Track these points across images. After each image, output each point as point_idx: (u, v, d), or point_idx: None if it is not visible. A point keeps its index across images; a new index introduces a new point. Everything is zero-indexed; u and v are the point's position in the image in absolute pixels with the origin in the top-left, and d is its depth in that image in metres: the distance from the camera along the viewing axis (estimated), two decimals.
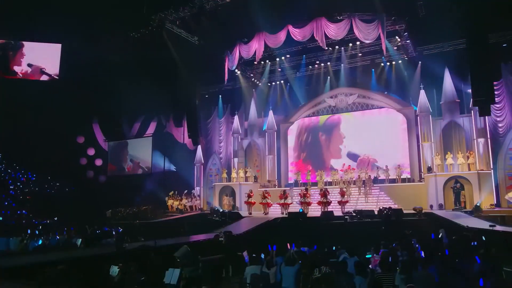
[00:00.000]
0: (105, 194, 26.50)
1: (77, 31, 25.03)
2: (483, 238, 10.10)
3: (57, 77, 27.97)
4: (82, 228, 15.64)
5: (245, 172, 25.06)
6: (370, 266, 7.69)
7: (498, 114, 20.05)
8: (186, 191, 25.69)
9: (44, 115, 25.64)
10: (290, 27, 19.08)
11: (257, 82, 26.70)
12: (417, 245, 9.16)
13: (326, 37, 18.59)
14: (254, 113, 26.74)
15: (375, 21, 17.80)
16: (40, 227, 16.96)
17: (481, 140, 19.96)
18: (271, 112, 26.23)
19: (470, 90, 20.56)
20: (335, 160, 24.44)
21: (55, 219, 20.97)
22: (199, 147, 27.44)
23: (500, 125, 20.22)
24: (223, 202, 24.00)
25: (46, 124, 25.48)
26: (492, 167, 19.40)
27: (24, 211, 25.02)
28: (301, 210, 17.04)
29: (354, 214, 15.79)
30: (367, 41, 18.52)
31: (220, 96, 27.86)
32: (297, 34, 19.01)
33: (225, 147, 28.09)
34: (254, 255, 7.70)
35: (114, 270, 6.95)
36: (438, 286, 6.14)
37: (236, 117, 26.86)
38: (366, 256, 8.44)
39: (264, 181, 25.22)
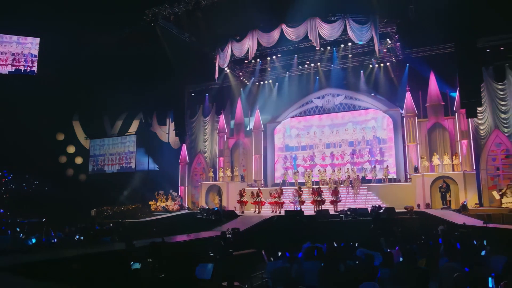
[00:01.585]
0: (86, 192, 25.74)
1: (58, 25, 24.23)
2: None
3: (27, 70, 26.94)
4: (62, 227, 15.16)
5: (232, 172, 24.95)
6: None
7: (480, 117, 20.74)
8: (171, 190, 25.31)
9: (22, 111, 24.67)
10: (284, 26, 19.12)
11: (246, 81, 26.61)
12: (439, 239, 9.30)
13: (320, 37, 18.76)
14: (240, 112, 26.65)
15: (368, 22, 18.11)
16: (26, 226, 16.27)
17: (465, 142, 20.62)
18: (257, 112, 26.21)
19: (454, 94, 21.39)
20: (321, 161, 24.69)
21: (43, 219, 20.14)
22: (184, 146, 27.11)
23: (481, 127, 20.96)
24: (215, 202, 23.76)
25: (24, 121, 24.54)
26: (474, 168, 20.09)
27: (1, 210, 23.96)
28: (298, 208, 17.09)
29: (349, 212, 15.97)
30: (360, 42, 18.80)
31: (207, 94, 27.59)
32: (291, 33, 19.08)
33: (210, 146, 27.85)
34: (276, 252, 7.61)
35: (136, 266, 6.76)
36: (466, 277, 6.25)
37: (222, 116, 26.69)
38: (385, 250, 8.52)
39: (251, 181, 25.16)
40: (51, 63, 26.49)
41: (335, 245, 9.58)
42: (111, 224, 16.07)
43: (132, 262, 6.74)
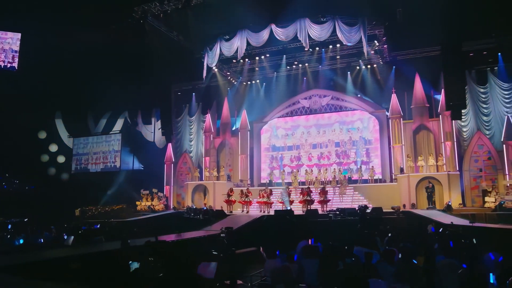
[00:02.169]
0: (69, 192, 25.20)
1: (40, 20, 23.66)
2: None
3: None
4: (48, 227, 14.82)
5: (218, 171, 24.85)
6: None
7: (463, 119, 21.23)
8: (155, 190, 25.02)
9: (2, 108, 23.97)
10: (274, 26, 19.16)
11: (233, 81, 26.55)
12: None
13: (309, 38, 18.87)
14: (227, 112, 26.59)
15: (357, 24, 18.32)
16: (10, 226, 15.80)
17: (448, 144, 21.06)
18: (244, 111, 26.18)
19: (438, 96, 21.85)
20: (308, 161, 24.83)
21: (25, 219, 19.62)
22: (170, 145, 26.87)
23: (464, 129, 21.50)
24: (204, 201, 23.62)
25: (4, 118, 23.86)
26: (458, 169, 20.54)
27: None
28: (288, 208, 17.11)
29: (337, 212, 16.11)
30: (349, 44, 19.01)
31: (193, 94, 27.41)
32: (281, 33, 19.13)
33: (195, 146, 27.70)
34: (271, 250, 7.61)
35: (135, 265, 6.64)
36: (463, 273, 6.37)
37: (208, 116, 26.54)
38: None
39: (237, 181, 25.10)
40: (32, 59, 25.83)
41: (331, 244, 9.66)
42: (98, 225, 15.76)
43: (130, 262, 6.61)
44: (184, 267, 6.02)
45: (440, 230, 11.29)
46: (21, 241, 10.89)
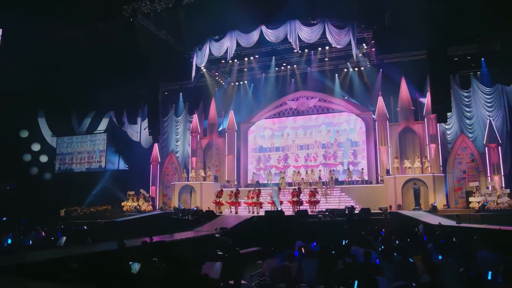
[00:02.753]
0: (53, 192, 24.66)
1: (23, 15, 23.06)
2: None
3: None
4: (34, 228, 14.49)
5: (205, 172, 24.75)
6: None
7: (447, 122, 21.74)
8: (144, 191, 24.73)
9: None
10: (264, 28, 19.23)
11: (221, 81, 26.50)
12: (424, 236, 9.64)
13: (299, 40, 19.00)
14: (214, 112, 26.53)
15: (346, 27, 18.54)
16: None
17: (433, 146, 21.51)
18: (231, 112, 26.17)
19: (424, 99, 22.30)
20: (295, 162, 24.98)
21: (4, 218, 19.08)
22: (156, 145, 26.62)
23: (448, 132, 22.00)
24: (190, 202, 23.50)
25: None
26: (442, 171, 20.99)
27: None
28: (279, 208, 17.17)
29: (327, 213, 16.25)
30: (338, 46, 19.19)
31: (180, 93, 27.24)
32: (271, 35, 19.22)
33: (182, 146, 27.52)
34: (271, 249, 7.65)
35: (135, 266, 6.59)
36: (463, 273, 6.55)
37: (195, 116, 26.39)
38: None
39: (223, 181, 25.05)
40: (14, 55, 25.15)
41: (330, 244, 9.78)
42: (85, 227, 15.48)
43: (131, 263, 6.54)
44: (190, 267, 6.02)
45: (419, 233, 11.52)
46: (9, 241, 10.60)
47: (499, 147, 20.24)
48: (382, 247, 8.64)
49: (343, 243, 9.03)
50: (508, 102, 20.74)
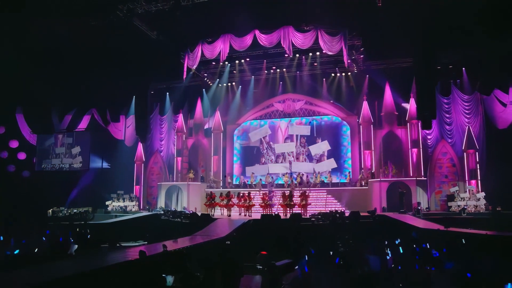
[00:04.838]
0: (32, 192, 23.92)
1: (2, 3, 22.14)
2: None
3: None
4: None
5: (192, 172, 24.75)
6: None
7: None
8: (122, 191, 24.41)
9: None
10: (257, 32, 19.39)
11: (209, 82, 26.47)
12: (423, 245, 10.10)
13: (292, 45, 19.30)
14: (200, 113, 26.50)
15: (339, 34, 18.99)
16: None
17: (415, 150, 22.37)
18: (217, 112, 26.21)
19: (406, 105, 23.14)
20: (280, 165, 25.25)
21: None
22: (140, 144, 26.34)
23: (429, 137, 22.90)
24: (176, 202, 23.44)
25: None
26: (423, 175, 21.90)
27: None
28: (276, 212, 17.41)
29: (319, 216, 16.65)
30: (330, 53, 19.60)
31: (167, 93, 27.00)
32: (264, 39, 19.42)
33: (166, 146, 27.34)
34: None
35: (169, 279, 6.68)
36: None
37: (180, 116, 26.24)
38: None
39: (210, 182, 25.09)
40: None
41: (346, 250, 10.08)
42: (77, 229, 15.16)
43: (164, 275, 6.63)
44: (230, 278, 6.16)
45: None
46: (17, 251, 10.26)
47: (476, 153, 21.30)
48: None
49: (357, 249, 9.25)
50: (485, 110, 21.81)
